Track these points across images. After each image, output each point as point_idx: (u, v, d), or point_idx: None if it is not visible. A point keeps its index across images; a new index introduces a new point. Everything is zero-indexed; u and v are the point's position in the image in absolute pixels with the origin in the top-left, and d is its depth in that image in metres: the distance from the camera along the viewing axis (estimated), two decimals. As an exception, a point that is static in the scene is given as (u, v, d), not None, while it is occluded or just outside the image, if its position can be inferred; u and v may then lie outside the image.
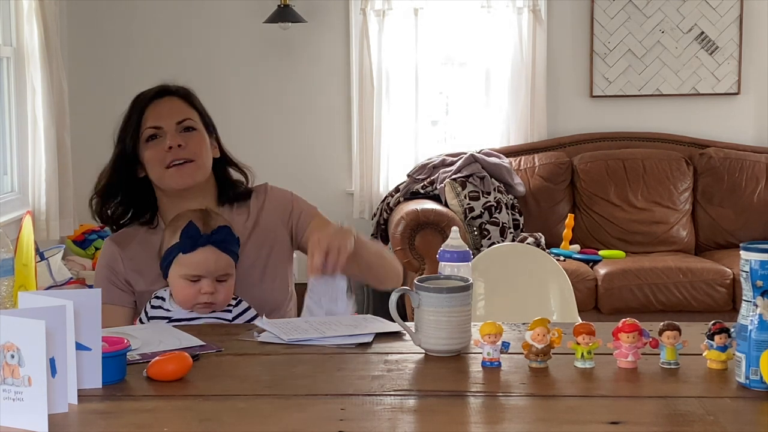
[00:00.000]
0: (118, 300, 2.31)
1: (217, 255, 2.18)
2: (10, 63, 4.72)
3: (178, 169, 2.29)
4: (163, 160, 2.29)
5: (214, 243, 2.18)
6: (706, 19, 5.52)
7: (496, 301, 2.75)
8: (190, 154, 2.29)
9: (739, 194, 5.26)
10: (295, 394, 1.61)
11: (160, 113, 2.31)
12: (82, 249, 5.04)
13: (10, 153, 4.78)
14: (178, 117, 2.31)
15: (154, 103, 2.33)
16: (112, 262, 2.34)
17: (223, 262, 2.19)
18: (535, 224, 5.20)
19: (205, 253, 2.17)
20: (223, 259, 2.19)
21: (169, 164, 2.28)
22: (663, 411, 1.53)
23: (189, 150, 2.29)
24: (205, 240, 2.18)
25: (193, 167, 2.30)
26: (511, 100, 5.51)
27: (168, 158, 2.28)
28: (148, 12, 5.53)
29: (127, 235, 2.37)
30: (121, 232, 2.39)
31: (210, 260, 2.17)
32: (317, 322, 2.05)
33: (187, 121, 2.32)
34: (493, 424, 1.49)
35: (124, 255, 2.33)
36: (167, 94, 2.35)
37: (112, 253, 2.35)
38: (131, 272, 2.32)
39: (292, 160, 5.57)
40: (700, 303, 4.66)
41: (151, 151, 2.30)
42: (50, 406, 1.47)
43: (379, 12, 5.42)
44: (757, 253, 1.60)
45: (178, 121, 2.31)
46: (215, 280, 2.18)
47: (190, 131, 2.32)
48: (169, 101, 2.35)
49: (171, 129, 2.30)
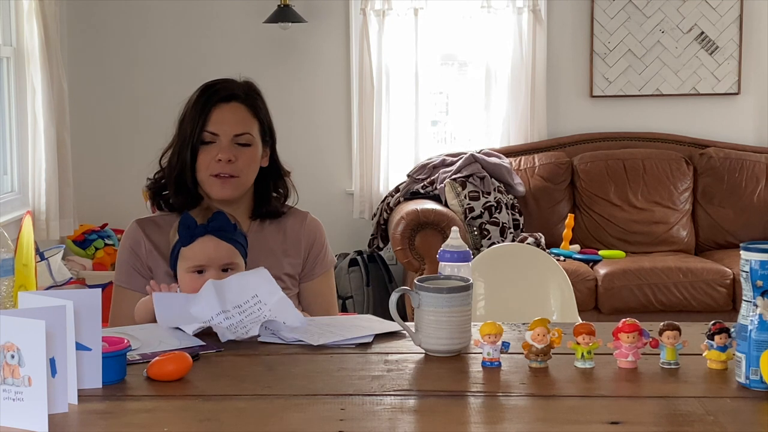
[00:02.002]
0: (138, 286, 2.30)
1: (216, 243, 2.16)
2: (10, 63, 4.72)
3: (222, 181, 2.29)
4: (209, 167, 2.29)
5: (211, 231, 2.16)
6: (706, 19, 5.52)
7: (496, 301, 2.75)
8: (237, 171, 2.30)
9: (739, 194, 5.26)
10: (295, 394, 1.61)
11: (221, 120, 2.30)
12: (82, 249, 5.04)
13: (10, 153, 4.78)
14: (237, 130, 2.30)
15: (220, 107, 2.31)
16: (136, 246, 2.33)
17: (224, 251, 2.16)
18: (535, 224, 5.20)
19: (203, 242, 2.16)
20: (224, 248, 2.17)
21: (214, 173, 2.29)
22: (663, 411, 1.53)
23: (237, 167, 2.29)
24: (202, 230, 2.17)
25: (236, 183, 2.31)
26: (511, 100, 5.51)
27: (215, 168, 2.29)
28: (148, 12, 5.53)
29: (155, 221, 2.37)
30: (148, 217, 2.39)
31: (209, 248, 2.15)
32: (317, 323, 2.05)
33: (245, 137, 2.32)
34: (493, 424, 1.49)
35: (148, 240, 2.33)
36: (234, 99, 2.33)
37: (135, 237, 2.34)
38: (153, 258, 2.30)
39: (292, 160, 5.47)
40: (700, 303, 4.65)
41: (204, 155, 2.30)
42: (50, 406, 1.47)
43: (379, 12, 5.42)
44: (757, 253, 1.60)
45: (236, 134, 2.30)
46: (220, 270, 2.16)
47: (244, 147, 2.31)
48: (234, 109, 2.33)
49: (227, 140, 2.30)
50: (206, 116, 2.30)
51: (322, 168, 5.62)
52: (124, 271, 2.33)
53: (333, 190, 5.62)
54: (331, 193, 5.60)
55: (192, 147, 2.30)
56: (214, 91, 2.33)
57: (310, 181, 5.49)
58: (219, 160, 2.28)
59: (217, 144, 2.30)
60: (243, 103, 2.35)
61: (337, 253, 5.25)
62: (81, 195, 5.21)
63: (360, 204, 5.50)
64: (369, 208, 5.46)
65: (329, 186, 5.61)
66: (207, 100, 2.32)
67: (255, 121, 2.35)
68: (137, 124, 5.48)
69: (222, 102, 2.32)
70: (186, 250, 2.17)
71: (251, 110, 2.36)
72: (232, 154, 2.29)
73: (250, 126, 2.34)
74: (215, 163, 2.29)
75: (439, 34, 5.56)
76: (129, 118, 5.52)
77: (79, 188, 5.18)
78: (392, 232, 4.77)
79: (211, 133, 2.30)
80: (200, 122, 2.30)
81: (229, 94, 2.34)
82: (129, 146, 5.42)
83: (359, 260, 5.20)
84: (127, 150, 5.42)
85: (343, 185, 5.64)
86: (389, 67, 5.46)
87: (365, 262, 5.20)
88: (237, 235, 2.21)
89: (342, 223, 5.49)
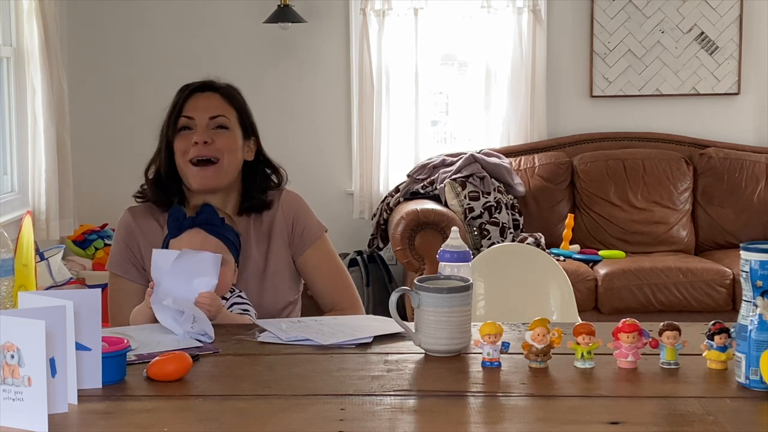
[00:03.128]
0: (134, 277, 2.31)
1: (203, 237, 2.15)
2: (10, 63, 4.72)
3: (201, 169, 2.28)
4: (187, 153, 2.28)
5: (199, 224, 2.15)
6: (706, 19, 5.51)
7: (496, 301, 2.75)
8: (215, 152, 2.28)
9: (739, 194, 5.26)
10: (295, 394, 1.61)
11: (196, 105, 2.31)
12: (82, 249, 5.04)
13: (10, 153, 4.78)
14: (213, 112, 2.30)
15: (195, 96, 2.32)
16: (128, 239, 2.33)
17: (211, 245, 2.14)
18: (535, 224, 5.20)
19: (191, 236, 2.15)
20: (212, 242, 2.15)
21: (193, 159, 2.27)
22: (663, 411, 1.53)
23: (214, 148, 2.28)
24: (189, 222, 2.16)
25: (216, 170, 2.28)
26: (511, 100, 5.51)
27: (192, 152, 2.27)
28: (148, 12, 5.53)
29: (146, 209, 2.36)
30: (141, 205, 2.38)
31: (195, 241, 2.14)
32: (317, 323, 2.05)
33: (221, 119, 2.31)
34: (493, 424, 1.49)
35: (140, 230, 2.33)
36: (210, 89, 2.34)
37: (128, 226, 2.34)
38: (146, 249, 2.29)
39: (292, 160, 5.50)
40: (700, 303, 4.65)
41: (180, 142, 2.29)
42: (50, 406, 1.47)
43: (379, 12, 5.42)
44: (757, 253, 1.60)
45: (212, 116, 2.30)
46: None
47: (221, 129, 2.31)
48: (209, 96, 2.34)
49: (202, 123, 2.29)
50: (182, 105, 2.31)
51: (322, 168, 5.62)
52: (117, 259, 2.33)
53: (333, 190, 5.62)
54: (331, 193, 5.60)
55: (169, 135, 2.29)
56: (189, 84, 2.35)
57: (310, 181, 5.49)
58: (195, 143, 2.27)
59: (194, 129, 2.29)
60: (218, 92, 2.35)
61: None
62: (81, 195, 5.21)
63: (360, 204, 5.50)
64: (369, 208, 5.46)
65: (329, 186, 5.61)
66: (183, 91, 2.33)
67: (231, 109, 2.35)
68: (137, 124, 5.47)
69: (198, 91, 2.34)
70: (174, 242, 2.16)
71: (227, 99, 2.35)
72: (208, 136, 2.28)
73: (227, 111, 2.33)
74: (193, 147, 2.27)
75: (439, 34, 5.56)
76: (129, 119, 5.52)
77: (79, 188, 5.18)
78: (392, 232, 4.77)
79: (186, 117, 2.29)
80: (175, 111, 2.30)
81: (205, 84, 2.35)
82: (129, 146, 5.42)
83: (359, 260, 5.20)
84: (127, 150, 5.41)
85: (343, 185, 5.64)
86: (389, 67, 5.46)
87: (365, 262, 5.20)
88: (225, 230, 2.18)
89: (342, 223, 5.49)
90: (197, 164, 2.28)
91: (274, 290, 2.32)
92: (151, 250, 2.17)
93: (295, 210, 2.40)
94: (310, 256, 2.38)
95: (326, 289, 2.40)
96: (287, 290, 2.36)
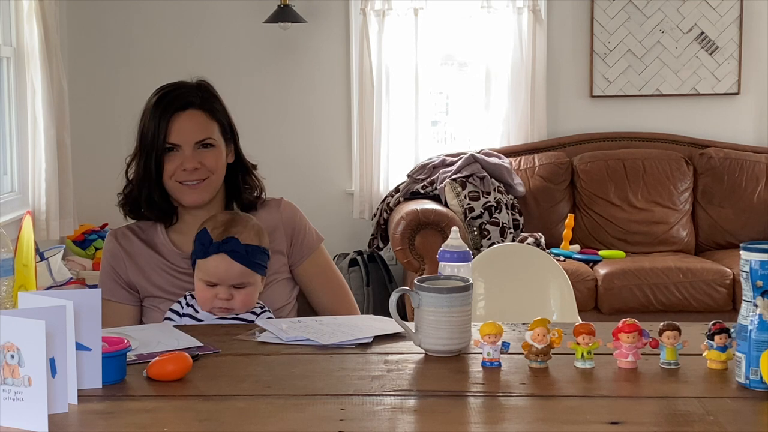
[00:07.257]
0: (123, 298, 2.32)
1: (228, 263, 2.18)
2: (10, 63, 4.72)
3: (192, 188, 2.30)
4: (175, 174, 2.30)
5: (225, 251, 2.19)
6: (706, 19, 5.52)
7: (496, 301, 2.75)
8: (204, 173, 2.30)
9: (739, 194, 5.26)
10: (294, 394, 1.61)
11: (180, 130, 2.29)
12: (82, 249, 5.04)
13: (10, 153, 4.78)
14: (198, 137, 2.30)
15: (177, 116, 2.30)
16: (114, 262, 2.35)
17: (236, 271, 2.18)
18: (535, 224, 5.20)
19: (216, 261, 2.19)
20: (236, 268, 2.18)
21: (180, 181, 2.30)
22: (663, 411, 1.53)
23: (203, 170, 2.30)
24: (215, 248, 2.19)
25: (206, 186, 2.31)
26: (511, 101, 5.50)
27: (182, 176, 2.29)
28: (148, 12, 5.53)
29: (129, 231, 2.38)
30: (124, 227, 2.40)
31: (221, 268, 2.18)
32: (317, 323, 2.05)
33: (207, 140, 2.31)
34: (493, 424, 1.49)
35: (124, 252, 2.34)
36: (190, 107, 2.32)
37: (113, 251, 2.36)
38: (133, 271, 2.32)
39: (292, 160, 5.57)
40: (700, 303, 4.65)
41: (169, 164, 2.30)
42: (50, 406, 1.47)
43: (379, 12, 5.42)
44: (757, 253, 1.60)
45: (198, 141, 2.30)
46: (231, 287, 2.19)
47: (207, 147, 2.31)
48: (191, 116, 2.31)
49: (189, 149, 2.29)
50: (166, 128, 2.29)
51: (322, 168, 5.62)
52: (104, 282, 2.34)
53: (333, 190, 5.62)
54: (331, 193, 5.60)
55: (156, 158, 2.30)
56: (168, 101, 2.32)
57: (310, 181, 5.50)
58: (185, 169, 2.28)
59: (181, 153, 2.29)
60: (199, 109, 2.33)
61: (337, 253, 5.25)
62: (81, 195, 5.21)
63: (360, 204, 5.50)
64: (369, 209, 5.46)
65: (329, 186, 5.61)
66: (164, 111, 2.31)
67: (214, 124, 2.34)
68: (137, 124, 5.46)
69: (179, 110, 2.31)
70: (201, 262, 2.21)
71: (209, 114, 2.34)
72: (197, 161, 2.29)
73: (211, 130, 2.33)
74: (181, 172, 2.29)
75: (439, 34, 5.56)
76: (129, 119, 5.50)
77: (79, 188, 5.18)
78: (392, 232, 4.77)
79: (172, 144, 2.30)
80: (160, 135, 2.30)
81: (185, 102, 2.32)
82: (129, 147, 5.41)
83: (359, 260, 5.20)
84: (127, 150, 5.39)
85: (343, 185, 5.64)
86: (389, 67, 5.46)
87: (365, 262, 5.20)
88: (251, 255, 2.21)
89: (342, 223, 5.49)
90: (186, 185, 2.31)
91: (270, 296, 2.32)
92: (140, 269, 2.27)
93: (295, 221, 2.42)
94: (309, 265, 2.41)
95: (326, 299, 2.42)
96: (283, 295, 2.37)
